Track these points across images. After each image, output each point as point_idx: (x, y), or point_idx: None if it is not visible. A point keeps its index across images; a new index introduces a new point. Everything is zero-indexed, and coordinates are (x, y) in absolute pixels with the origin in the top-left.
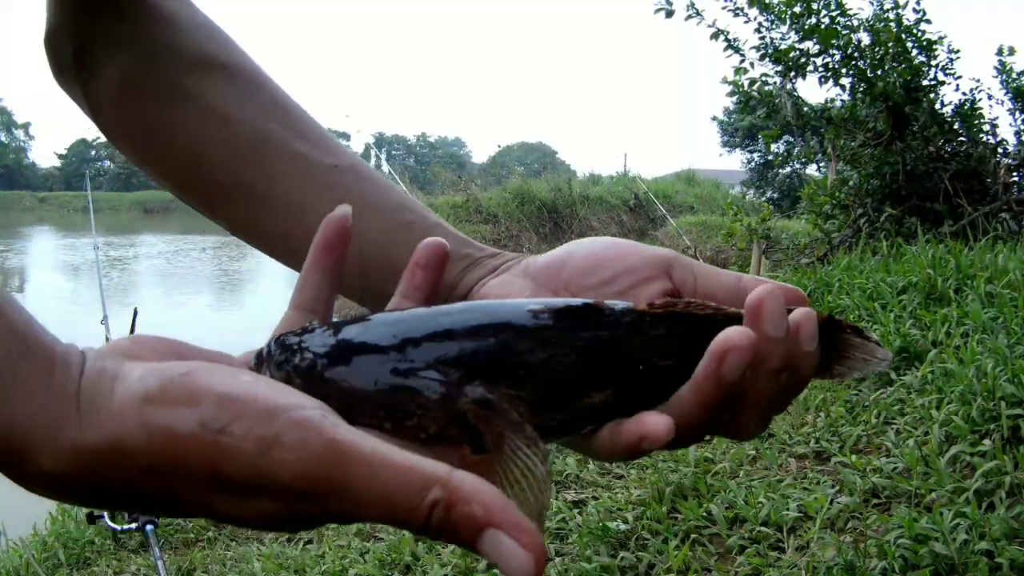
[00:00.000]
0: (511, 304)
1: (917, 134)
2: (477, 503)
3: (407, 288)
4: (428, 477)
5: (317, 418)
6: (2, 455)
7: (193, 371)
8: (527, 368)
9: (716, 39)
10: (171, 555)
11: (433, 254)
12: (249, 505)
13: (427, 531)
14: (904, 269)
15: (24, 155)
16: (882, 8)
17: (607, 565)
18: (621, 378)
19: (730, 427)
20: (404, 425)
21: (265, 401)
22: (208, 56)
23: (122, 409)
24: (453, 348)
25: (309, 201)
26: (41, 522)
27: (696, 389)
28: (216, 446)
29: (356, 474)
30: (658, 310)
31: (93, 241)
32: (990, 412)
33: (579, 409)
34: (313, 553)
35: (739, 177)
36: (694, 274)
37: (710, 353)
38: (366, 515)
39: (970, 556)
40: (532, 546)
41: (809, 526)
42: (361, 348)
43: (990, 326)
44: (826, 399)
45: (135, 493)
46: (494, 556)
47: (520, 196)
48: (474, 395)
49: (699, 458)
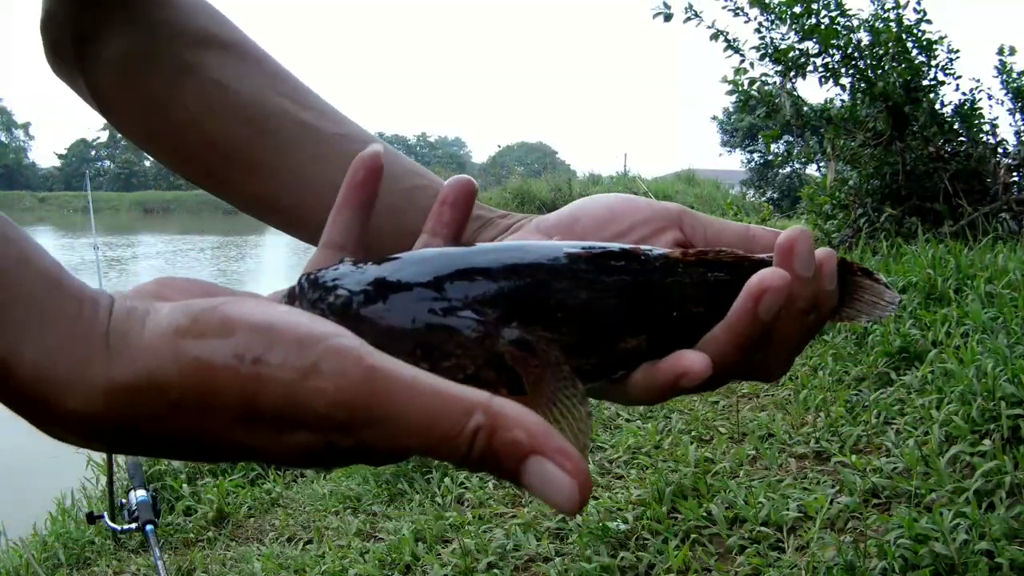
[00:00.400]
0: (548, 246)
1: (917, 134)
2: (520, 429)
3: (435, 225)
4: (470, 403)
5: (355, 345)
6: (29, 393)
7: (226, 302)
8: (564, 310)
9: (716, 40)
10: (171, 555)
11: (462, 191)
12: (285, 439)
13: (468, 461)
14: (904, 269)
15: (24, 155)
16: (883, 8)
17: (607, 565)
18: (656, 323)
19: (759, 368)
20: (441, 365)
21: (301, 330)
22: (208, 34)
23: (153, 344)
24: (491, 288)
25: (318, 169)
26: (41, 522)
27: (731, 329)
28: (252, 377)
29: (396, 401)
30: (691, 257)
31: (93, 241)
32: (990, 412)
33: (614, 353)
34: (313, 553)
35: (739, 177)
36: (704, 225)
37: (747, 292)
38: (405, 444)
39: (970, 556)
40: (577, 472)
41: (809, 526)
42: (397, 286)
43: (990, 326)
44: (826, 399)
45: (166, 433)
46: (538, 484)
47: (520, 196)
48: (512, 336)
49: (699, 458)
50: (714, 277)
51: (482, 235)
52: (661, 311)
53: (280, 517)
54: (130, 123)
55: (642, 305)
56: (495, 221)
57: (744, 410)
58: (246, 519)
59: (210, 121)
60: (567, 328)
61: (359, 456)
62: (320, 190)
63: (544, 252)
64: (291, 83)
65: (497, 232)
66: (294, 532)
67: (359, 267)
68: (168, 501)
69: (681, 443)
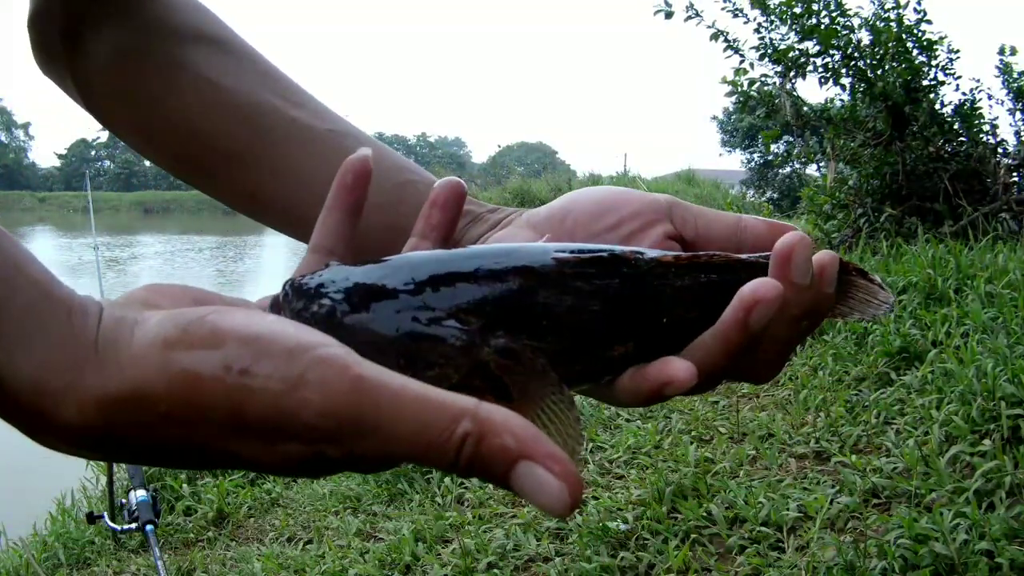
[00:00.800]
0: (535, 250)
1: (917, 134)
2: (508, 434)
3: (424, 228)
4: (458, 410)
5: (342, 355)
6: (23, 404)
7: (214, 312)
8: (551, 318)
9: (716, 40)
10: (171, 555)
11: (451, 193)
12: (275, 450)
13: (456, 467)
14: (904, 269)
15: (24, 155)
16: (883, 8)
17: (607, 565)
18: (645, 330)
19: (749, 372)
20: (425, 375)
21: (289, 341)
22: (199, 31)
23: (142, 354)
24: (476, 296)
25: (311, 165)
26: (41, 522)
27: (720, 336)
28: (239, 388)
29: (384, 410)
30: (683, 261)
31: (93, 241)
32: (990, 412)
33: (601, 360)
34: (313, 553)
35: (739, 177)
36: (694, 215)
37: (738, 302)
38: (394, 451)
39: (970, 556)
40: (567, 475)
41: (809, 526)
42: (381, 294)
43: (990, 326)
44: (826, 399)
45: (157, 443)
46: (528, 489)
47: (520, 196)
48: (497, 345)
49: (699, 458)
50: (706, 281)
51: (472, 231)
52: (651, 318)
53: (280, 517)
54: (119, 120)
55: (631, 312)
56: (485, 216)
57: (744, 410)
58: (246, 519)
59: (202, 118)
60: (553, 337)
61: (349, 465)
62: (315, 187)
63: (531, 257)
64: (282, 81)
65: (487, 228)
66: (294, 532)
67: (344, 274)
68: (168, 501)
69: (681, 443)
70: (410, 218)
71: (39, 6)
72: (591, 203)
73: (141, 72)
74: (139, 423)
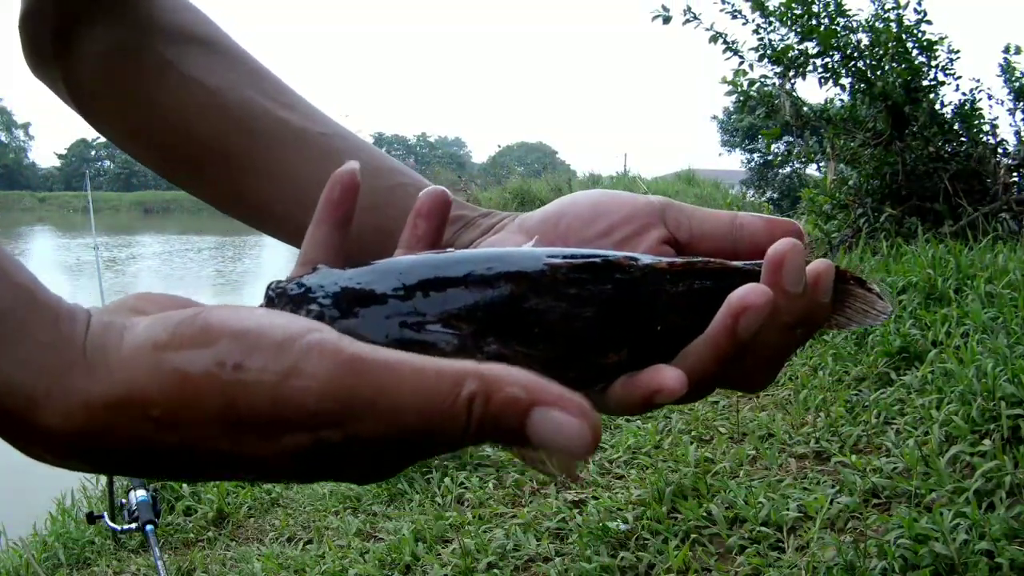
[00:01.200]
0: (527, 256)
1: (917, 134)
2: (515, 385)
3: (409, 238)
4: (459, 372)
5: (334, 339)
6: (5, 410)
7: (203, 311)
8: (542, 326)
9: (714, 42)
10: (171, 555)
11: (436, 202)
12: (272, 445)
13: (467, 433)
14: (904, 269)
15: (24, 155)
16: (883, 8)
17: (607, 565)
18: (638, 338)
19: (741, 380)
20: None
21: (278, 332)
22: (189, 31)
23: (132, 357)
24: (466, 302)
25: (302, 168)
26: (41, 522)
27: (710, 344)
28: (234, 384)
29: (384, 384)
30: (678, 267)
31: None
32: (990, 412)
33: (594, 368)
34: (313, 553)
35: (739, 177)
36: (688, 216)
37: (727, 309)
38: (401, 426)
39: (970, 556)
40: (583, 414)
41: (809, 526)
42: (369, 300)
43: (990, 326)
44: (826, 399)
45: (148, 450)
46: (547, 434)
47: (520, 196)
48: (488, 352)
49: (699, 458)
50: (701, 288)
51: (464, 236)
52: (644, 325)
53: (280, 517)
54: (110, 121)
55: (624, 320)
56: (477, 221)
57: (744, 410)
58: (246, 519)
59: (193, 119)
60: (545, 344)
61: (351, 452)
62: (304, 188)
63: (523, 263)
64: (273, 82)
65: (479, 233)
66: (294, 532)
67: (331, 279)
68: (168, 501)
69: (681, 443)
70: (399, 221)
71: (31, 6)
72: (585, 207)
73: (131, 72)
74: (130, 428)
